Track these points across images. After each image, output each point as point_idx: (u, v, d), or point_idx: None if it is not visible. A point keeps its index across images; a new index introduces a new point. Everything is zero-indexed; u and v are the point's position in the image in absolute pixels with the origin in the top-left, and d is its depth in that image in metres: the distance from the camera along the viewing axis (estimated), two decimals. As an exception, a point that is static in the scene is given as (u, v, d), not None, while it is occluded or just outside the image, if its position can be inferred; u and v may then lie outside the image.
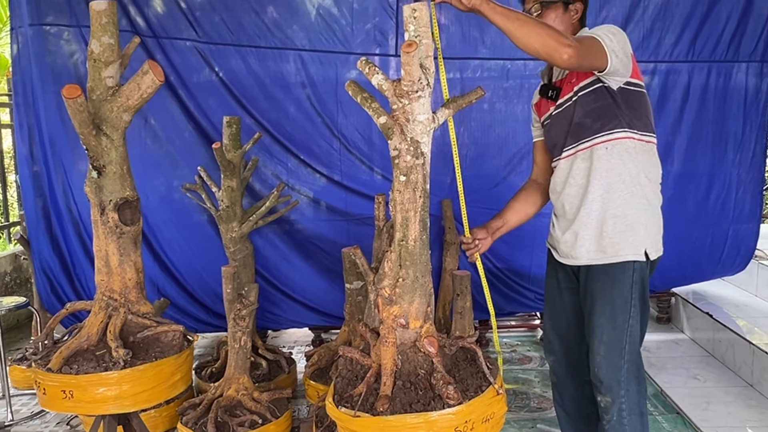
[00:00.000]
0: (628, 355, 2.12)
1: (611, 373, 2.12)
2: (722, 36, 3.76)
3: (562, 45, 1.86)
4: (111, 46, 2.03)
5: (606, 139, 2.08)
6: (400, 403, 1.78)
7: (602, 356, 2.13)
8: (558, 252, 2.30)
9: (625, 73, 2.05)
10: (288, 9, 3.69)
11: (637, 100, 2.11)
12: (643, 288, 2.14)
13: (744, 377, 3.51)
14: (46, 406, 2.07)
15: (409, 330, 1.90)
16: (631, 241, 2.10)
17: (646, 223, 2.12)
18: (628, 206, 2.10)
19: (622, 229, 2.10)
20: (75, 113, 1.92)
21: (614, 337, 2.11)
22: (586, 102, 2.09)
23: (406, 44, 1.73)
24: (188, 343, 2.24)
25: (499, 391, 1.90)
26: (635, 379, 2.14)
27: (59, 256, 3.71)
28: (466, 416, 1.76)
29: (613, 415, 2.13)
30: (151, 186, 3.71)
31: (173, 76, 3.62)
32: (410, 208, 1.87)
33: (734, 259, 4.07)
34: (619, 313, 2.11)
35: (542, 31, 1.87)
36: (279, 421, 2.93)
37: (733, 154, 3.90)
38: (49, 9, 3.54)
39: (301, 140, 3.75)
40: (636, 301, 2.12)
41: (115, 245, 2.12)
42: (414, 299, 1.90)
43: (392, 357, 1.87)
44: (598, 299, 2.15)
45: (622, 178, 2.09)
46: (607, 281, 2.13)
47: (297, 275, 3.89)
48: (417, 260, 1.89)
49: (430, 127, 1.90)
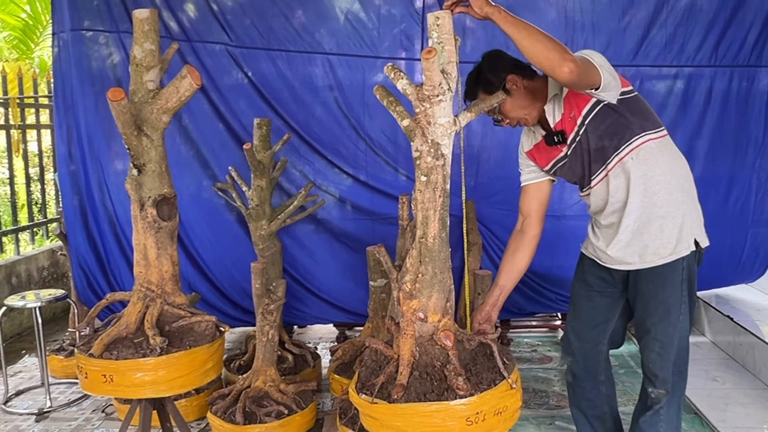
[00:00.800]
0: (677, 350, 2.20)
1: (666, 367, 2.20)
2: (746, 41, 3.80)
3: (565, 60, 1.91)
4: (152, 51, 2.15)
5: (629, 149, 2.15)
6: (414, 392, 1.87)
7: (657, 353, 2.21)
8: (602, 260, 2.34)
9: (617, 85, 2.13)
10: (317, 14, 3.81)
11: (636, 104, 2.18)
12: (691, 282, 2.20)
13: (763, 380, 3.54)
14: (87, 389, 2.20)
15: (427, 323, 1.99)
16: (679, 237, 2.16)
17: (689, 215, 2.18)
18: (669, 205, 2.15)
19: (670, 227, 2.16)
20: (119, 115, 2.04)
21: (668, 334, 2.19)
22: (596, 126, 2.16)
23: (426, 51, 1.82)
24: (220, 333, 2.35)
25: (513, 385, 1.96)
26: (680, 373, 2.23)
27: (95, 252, 3.87)
28: (477, 407, 1.83)
29: (663, 407, 2.23)
30: (184, 185, 3.85)
31: (205, 78, 3.76)
32: (430, 207, 1.96)
33: (753, 262, 4.09)
34: (672, 311, 2.18)
35: (548, 44, 1.93)
36: (304, 412, 3.04)
37: (753, 158, 3.93)
38: (89, 14, 3.70)
39: (329, 141, 3.87)
40: (686, 297, 2.18)
41: (153, 239, 2.25)
42: (432, 294, 1.99)
43: (410, 348, 1.96)
44: (651, 299, 2.21)
45: (657, 179, 2.16)
46: (658, 282, 2.20)
47: (323, 273, 4.01)
48: (436, 257, 1.98)
49: (450, 130, 1.98)
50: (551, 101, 2.24)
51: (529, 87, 2.25)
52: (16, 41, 7.60)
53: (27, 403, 3.53)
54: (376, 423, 1.94)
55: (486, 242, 4.01)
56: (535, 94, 2.25)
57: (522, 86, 2.24)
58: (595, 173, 2.23)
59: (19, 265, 4.85)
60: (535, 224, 2.41)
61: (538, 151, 2.35)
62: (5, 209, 5.89)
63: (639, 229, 2.20)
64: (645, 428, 2.29)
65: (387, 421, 1.90)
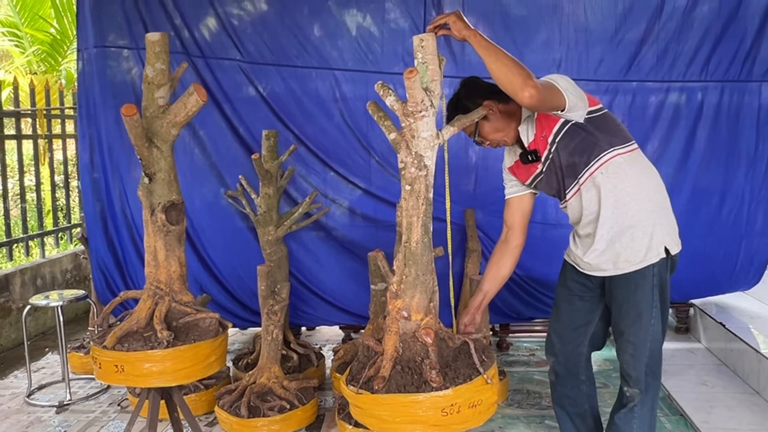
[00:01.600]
0: (649, 352, 2.33)
1: (639, 368, 2.34)
2: (736, 56, 3.92)
3: (527, 85, 2.05)
4: (162, 71, 2.36)
5: (598, 165, 2.30)
6: (395, 384, 2.04)
7: (630, 354, 2.35)
8: (581, 267, 2.49)
9: (584, 105, 2.27)
10: (326, 30, 4.01)
11: (604, 121, 2.32)
12: (663, 288, 2.33)
13: (752, 385, 3.64)
14: (101, 378, 2.40)
15: (410, 322, 2.16)
16: (649, 246, 2.29)
17: (659, 224, 2.31)
18: (639, 215, 2.29)
19: (641, 236, 2.29)
20: (131, 128, 2.25)
21: (640, 337, 2.33)
22: (565, 144, 2.30)
23: (407, 71, 1.99)
24: (223, 329, 2.54)
25: (488, 381, 2.08)
26: (653, 374, 2.36)
27: (113, 255, 4.11)
28: (452, 400, 1.98)
29: (637, 404, 2.37)
30: (198, 192, 4.08)
31: (219, 92, 3.99)
32: (413, 213, 2.13)
33: (748, 271, 4.19)
34: (644, 315, 2.32)
35: (513, 70, 2.06)
36: (305, 407, 3.22)
37: (745, 170, 4.04)
38: (111, 32, 3.96)
39: (334, 152, 4.07)
40: (657, 302, 2.32)
41: (162, 242, 2.45)
42: (415, 294, 2.15)
43: (394, 344, 2.13)
44: (624, 303, 2.35)
45: (627, 191, 2.29)
46: (630, 287, 2.33)
47: (328, 277, 4.19)
48: (418, 260, 2.14)
49: (433, 143, 2.14)
50: (525, 122, 2.39)
51: (504, 110, 2.39)
52: (45, 55, 7.94)
53: (49, 396, 3.76)
54: (361, 412, 2.12)
55: (485, 249, 4.16)
56: (511, 116, 2.40)
57: (497, 110, 2.37)
58: (568, 188, 2.39)
59: (44, 268, 5.11)
60: (518, 235, 2.56)
61: (518, 167, 2.50)
62: (32, 215, 6.17)
63: (612, 239, 2.33)
64: (620, 425, 2.43)
65: (370, 410, 2.07)
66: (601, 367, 4.00)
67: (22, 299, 4.76)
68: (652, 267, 2.30)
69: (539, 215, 4.00)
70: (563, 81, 2.23)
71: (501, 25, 3.97)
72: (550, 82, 2.21)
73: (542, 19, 3.92)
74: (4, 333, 4.61)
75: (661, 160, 4.03)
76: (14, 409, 3.59)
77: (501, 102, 2.38)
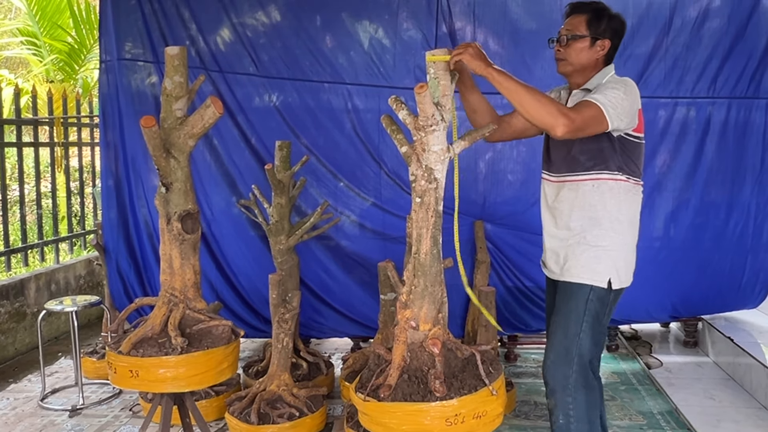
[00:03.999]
0: (576, 366, 2.34)
1: (557, 378, 2.36)
2: (743, 74, 3.97)
3: (558, 119, 2.10)
4: (181, 84, 2.44)
5: (594, 177, 2.32)
6: (401, 393, 2.08)
7: (551, 361, 2.39)
8: (544, 266, 2.57)
9: (628, 129, 2.29)
10: (339, 44, 4.08)
11: (633, 149, 2.34)
12: (598, 311, 2.35)
13: (759, 399, 3.65)
14: (116, 383, 2.46)
15: (418, 332, 2.20)
16: (594, 268, 2.33)
17: (615, 257, 2.34)
18: (602, 239, 2.33)
19: (592, 256, 2.33)
20: (150, 139, 2.32)
21: (564, 346, 2.35)
22: (586, 140, 2.29)
23: (418, 86, 2.05)
24: (235, 336, 2.59)
25: (494, 392, 2.12)
26: (583, 389, 2.35)
27: (134, 262, 4.18)
28: (456, 410, 2.03)
29: (559, 417, 2.36)
30: (215, 201, 4.15)
31: (234, 104, 4.06)
32: (423, 225, 2.18)
33: (754, 286, 4.21)
34: (572, 326, 2.35)
35: (540, 105, 2.11)
36: (314, 415, 3.26)
37: (751, 185, 4.08)
38: (132, 42, 4.05)
39: (345, 164, 4.13)
40: (589, 318, 2.34)
41: (177, 250, 2.52)
42: (423, 305, 2.20)
43: (401, 353, 2.18)
44: (558, 309, 2.41)
45: (601, 213, 2.33)
46: (567, 295, 2.39)
47: (338, 287, 4.25)
48: (427, 271, 2.19)
49: (444, 157, 2.19)
50: (582, 92, 2.36)
51: (599, 58, 2.35)
52: (62, 64, 8.07)
53: (62, 400, 3.81)
54: (368, 419, 2.16)
55: (494, 261, 4.20)
56: (591, 67, 2.36)
57: (599, 55, 2.34)
58: (560, 173, 2.41)
59: (58, 273, 5.19)
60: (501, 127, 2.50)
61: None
62: (47, 220, 6.26)
63: (569, 244, 2.38)
64: None
65: (377, 418, 2.11)
66: (609, 379, 4.01)
67: (36, 304, 4.84)
68: (590, 288, 2.34)
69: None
70: (620, 104, 2.20)
71: (510, 39, 4.03)
72: (596, 106, 2.18)
73: (552, 34, 3.94)
74: (19, 337, 4.68)
75: (669, 175, 4.08)
76: (28, 413, 3.66)
77: (607, 55, 2.36)
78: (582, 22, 2.33)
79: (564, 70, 2.41)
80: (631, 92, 2.26)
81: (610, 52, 2.38)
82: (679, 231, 4.18)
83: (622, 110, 2.21)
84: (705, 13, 3.97)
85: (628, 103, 2.23)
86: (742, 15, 3.95)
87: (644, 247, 3.59)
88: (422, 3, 4.02)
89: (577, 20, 2.34)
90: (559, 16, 3.85)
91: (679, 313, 4.32)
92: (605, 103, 2.19)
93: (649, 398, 3.73)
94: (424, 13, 4.02)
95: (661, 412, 3.54)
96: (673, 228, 4.17)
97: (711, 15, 3.97)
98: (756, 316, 4.64)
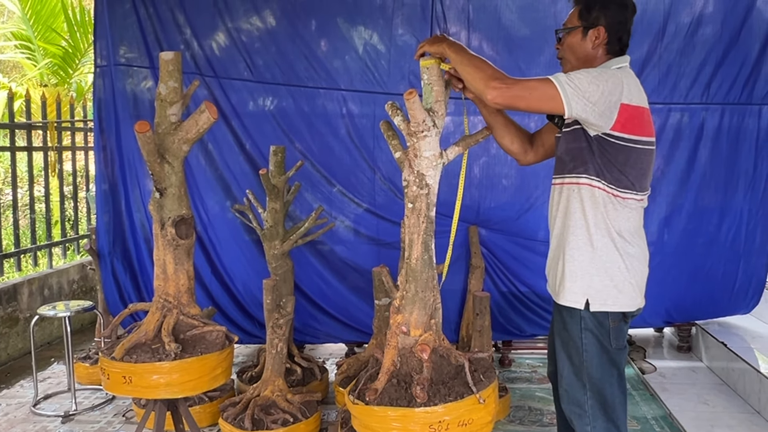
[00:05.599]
0: (590, 392, 2.12)
1: (572, 406, 2.17)
2: (736, 80, 4.00)
3: (489, 83, 1.95)
4: (175, 89, 2.43)
5: (574, 181, 2.10)
6: (388, 397, 2.08)
7: (564, 389, 2.20)
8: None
9: (601, 124, 1.99)
10: (334, 47, 4.08)
11: (617, 153, 2.03)
12: (599, 337, 2.10)
13: (752, 404, 3.66)
14: (109, 389, 2.45)
15: (409, 337, 2.20)
16: (569, 287, 2.12)
17: (592, 275, 2.08)
18: (579, 252, 2.09)
19: (569, 270, 2.12)
20: (144, 144, 2.32)
21: (573, 373, 2.15)
22: (568, 139, 2.13)
23: (407, 92, 2.04)
24: (229, 342, 2.59)
25: (481, 400, 2.08)
26: (603, 415, 2.12)
27: (129, 266, 4.17)
28: (440, 416, 2.01)
29: None
30: (209, 206, 4.15)
31: (229, 109, 4.06)
32: (414, 231, 2.18)
33: (746, 291, 4.24)
34: (574, 355, 2.15)
35: (477, 70, 2.00)
36: (308, 420, 3.25)
37: (744, 190, 4.11)
38: (127, 47, 4.05)
39: (339, 170, 4.14)
40: (589, 347, 2.11)
41: (171, 255, 2.51)
42: (414, 310, 2.19)
43: (392, 358, 2.17)
44: (557, 336, 2.23)
45: (581, 223, 2.09)
46: (561, 320, 2.19)
47: (332, 292, 4.25)
48: (418, 277, 2.18)
49: (436, 162, 2.19)
50: None
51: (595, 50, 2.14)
52: (56, 68, 8.04)
53: (54, 406, 3.79)
54: (357, 422, 2.17)
55: (489, 266, 4.21)
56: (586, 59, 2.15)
57: (595, 46, 2.13)
58: (554, 175, 2.25)
59: (51, 278, 5.17)
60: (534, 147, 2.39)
61: None
62: (40, 225, 6.24)
63: (553, 255, 2.22)
64: None
65: (364, 420, 2.12)
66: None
67: (29, 309, 4.81)
68: (579, 313, 2.11)
69: (543, 233, 4.05)
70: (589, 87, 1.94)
71: (504, 46, 4.04)
72: (548, 81, 1.97)
73: (545, 40, 3.99)
74: (12, 342, 4.66)
75: (663, 180, 4.10)
76: (20, 419, 3.63)
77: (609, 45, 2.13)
78: (575, 14, 2.17)
79: (566, 68, 2.20)
80: (607, 80, 1.96)
81: (613, 42, 2.12)
82: (672, 236, 4.19)
83: (586, 95, 1.93)
84: (699, 19, 4.00)
85: (599, 91, 1.94)
86: (735, 21, 3.98)
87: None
88: (417, 8, 4.03)
89: (572, 13, 2.19)
90: (553, 23, 3.89)
91: (673, 319, 4.33)
92: (563, 81, 1.95)
93: (643, 403, 3.73)
94: (418, 18, 4.04)
95: (655, 417, 3.55)
96: (667, 233, 4.19)
97: (704, 21, 4.00)
98: (749, 321, 4.65)
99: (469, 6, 4.01)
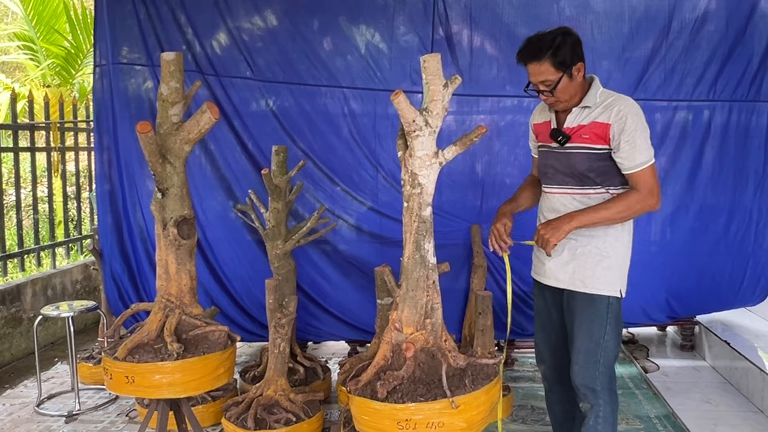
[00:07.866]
0: (602, 368, 2.40)
1: (587, 381, 2.41)
2: (743, 77, 3.97)
3: (646, 203, 2.31)
4: (177, 89, 2.43)
5: (605, 191, 2.40)
6: (370, 390, 2.10)
7: (580, 365, 2.42)
8: (543, 275, 2.56)
9: None
10: (336, 46, 4.07)
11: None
12: (618, 312, 2.44)
13: (756, 403, 3.65)
14: (112, 389, 2.45)
15: (402, 334, 2.20)
16: (608, 279, 2.40)
17: (621, 265, 2.43)
18: (611, 247, 2.40)
19: (606, 267, 2.40)
20: (146, 145, 2.32)
21: (590, 350, 2.40)
22: (592, 159, 2.38)
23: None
24: (231, 342, 2.58)
25: (453, 405, 2.04)
26: (608, 390, 2.42)
27: (127, 266, 4.17)
28: (408, 414, 2.01)
29: (590, 419, 2.40)
30: (211, 206, 4.14)
31: (231, 109, 4.06)
32: (407, 230, 2.18)
33: (754, 288, 4.21)
34: (596, 330, 2.40)
35: (626, 208, 2.31)
36: (311, 420, 3.25)
37: (753, 188, 4.08)
38: (127, 47, 4.04)
39: (342, 168, 4.12)
40: (611, 319, 2.41)
41: (173, 256, 2.51)
42: (405, 308, 2.18)
43: (384, 353, 2.18)
44: (578, 316, 2.44)
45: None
46: (585, 303, 2.43)
47: (335, 292, 4.24)
48: (409, 275, 2.17)
49: (430, 162, 2.16)
50: (582, 109, 2.41)
51: (581, 81, 2.40)
52: (59, 68, 8.06)
53: (58, 406, 3.80)
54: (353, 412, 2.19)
55: (491, 265, 4.20)
56: (580, 89, 2.42)
57: (581, 77, 2.39)
58: (567, 185, 2.44)
59: (54, 278, 5.18)
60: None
61: (543, 129, 2.56)
62: (43, 225, 6.25)
63: (579, 254, 2.42)
64: None
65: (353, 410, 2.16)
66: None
67: (32, 309, 4.82)
68: (607, 299, 2.41)
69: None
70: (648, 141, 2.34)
71: (507, 44, 4.02)
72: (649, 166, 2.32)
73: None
74: (15, 343, 4.67)
75: (668, 178, 4.06)
76: (24, 418, 3.64)
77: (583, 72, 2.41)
78: (548, 69, 2.33)
79: (560, 108, 2.45)
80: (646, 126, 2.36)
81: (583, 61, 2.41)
82: (678, 235, 4.16)
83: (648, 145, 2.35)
84: (703, 16, 3.97)
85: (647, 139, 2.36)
86: (740, 18, 3.96)
87: (642, 251, 3.60)
88: (419, 7, 4.02)
89: (543, 68, 2.33)
90: (555, 21, 3.87)
91: (677, 314, 4.30)
92: (650, 154, 2.34)
93: (646, 402, 3.73)
94: (420, 17, 4.03)
95: (658, 416, 3.54)
96: (672, 232, 4.16)
97: (709, 18, 3.97)
98: (752, 319, 4.64)
99: (471, 4, 4.00)
